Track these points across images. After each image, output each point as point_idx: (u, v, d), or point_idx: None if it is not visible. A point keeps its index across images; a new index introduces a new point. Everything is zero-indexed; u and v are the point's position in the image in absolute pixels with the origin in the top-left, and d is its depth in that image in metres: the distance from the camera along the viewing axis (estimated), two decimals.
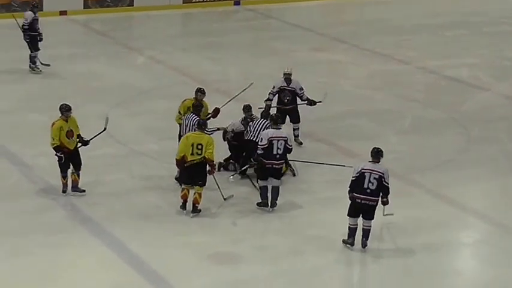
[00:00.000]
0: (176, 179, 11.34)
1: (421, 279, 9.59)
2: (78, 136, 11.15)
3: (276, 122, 11.18)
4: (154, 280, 9.40)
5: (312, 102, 13.05)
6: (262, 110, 12.60)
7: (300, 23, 21.11)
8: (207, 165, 10.73)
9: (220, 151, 11.70)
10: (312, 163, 12.31)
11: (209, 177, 10.84)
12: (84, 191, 11.20)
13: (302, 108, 13.19)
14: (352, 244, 10.14)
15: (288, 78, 12.94)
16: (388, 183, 9.93)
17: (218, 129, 11.72)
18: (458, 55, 18.57)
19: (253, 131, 11.69)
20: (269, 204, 11.00)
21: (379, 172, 9.89)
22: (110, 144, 12.58)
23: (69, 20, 20.97)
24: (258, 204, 11.05)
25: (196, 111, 11.42)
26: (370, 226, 10.04)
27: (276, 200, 11.04)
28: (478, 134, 13.93)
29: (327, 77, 16.31)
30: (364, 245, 10.13)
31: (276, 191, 11.02)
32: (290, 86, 12.94)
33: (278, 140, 10.96)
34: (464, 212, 11.25)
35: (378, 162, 9.97)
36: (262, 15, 22.27)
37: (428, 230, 10.64)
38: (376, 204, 10.01)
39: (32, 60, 16.14)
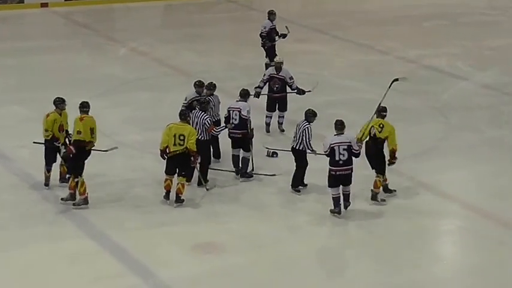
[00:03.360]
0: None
1: (402, 267, 9.60)
2: (66, 132, 11.01)
3: (241, 94, 11.64)
4: (138, 270, 9.34)
5: (301, 92, 13.19)
6: (251, 96, 12.63)
7: (281, 15, 20.91)
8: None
9: None
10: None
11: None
12: None
13: (288, 99, 13.21)
14: (339, 213, 10.48)
15: (278, 66, 13.05)
16: (356, 150, 10.41)
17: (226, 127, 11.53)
18: (438, 45, 18.61)
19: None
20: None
21: (346, 143, 10.39)
22: None
23: (51, 12, 20.87)
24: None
25: (203, 108, 11.28)
26: (349, 190, 10.50)
27: (244, 170, 11.47)
28: (458, 123, 13.98)
29: (310, 68, 16.30)
30: (345, 206, 10.54)
31: (243, 161, 11.51)
32: (280, 74, 13.06)
33: (233, 111, 11.48)
34: (444, 199, 11.27)
35: (342, 133, 10.44)
36: (244, 6, 22.23)
37: (408, 217, 10.65)
38: (352, 171, 10.42)
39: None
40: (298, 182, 11.18)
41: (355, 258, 9.92)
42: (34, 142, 11.16)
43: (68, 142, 10.91)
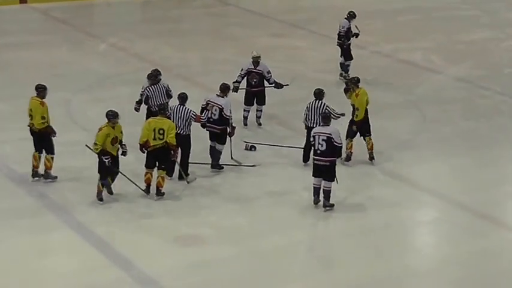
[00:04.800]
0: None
1: (380, 257, 9.65)
2: (120, 142, 10.66)
3: (221, 89, 11.48)
4: (121, 263, 9.31)
5: (279, 85, 13.22)
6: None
7: (258, 10, 21.08)
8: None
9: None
10: (272, 146, 12.40)
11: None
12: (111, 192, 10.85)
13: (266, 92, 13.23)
14: (315, 202, 10.46)
15: (255, 61, 13.07)
16: (338, 143, 10.31)
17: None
18: (412, 39, 18.68)
19: None
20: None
21: (326, 134, 10.31)
22: (74, 130, 12.46)
23: (30, 8, 20.70)
24: None
25: (182, 102, 11.22)
26: (329, 187, 10.38)
27: (216, 161, 11.41)
28: (433, 116, 14.03)
29: (286, 62, 16.30)
30: (324, 205, 10.43)
31: (216, 153, 11.44)
32: (257, 68, 13.08)
33: (213, 106, 11.31)
34: (421, 190, 11.33)
35: (327, 125, 10.42)
36: (220, 2, 22.19)
37: (386, 209, 10.70)
38: (330, 164, 10.31)
39: (345, 68, 15.47)
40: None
41: (335, 251, 9.96)
42: (86, 145, 10.80)
43: (121, 153, 10.69)
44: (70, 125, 11.49)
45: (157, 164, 10.76)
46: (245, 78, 13.15)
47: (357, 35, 15.57)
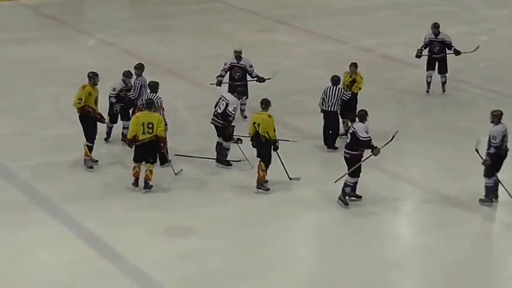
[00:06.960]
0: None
1: (360, 246, 9.53)
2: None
3: (237, 91, 11.61)
4: (111, 256, 9.16)
5: (261, 79, 13.09)
6: (213, 85, 12.70)
7: (244, 6, 20.95)
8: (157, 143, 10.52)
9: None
10: None
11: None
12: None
13: (250, 87, 13.09)
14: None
15: (238, 55, 12.93)
16: (363, 137, 10.20)
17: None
18: (391, 35, 18.58)
19: None
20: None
21: (353, 128, 10.36)
22: (64, 125, 12.24)
23: (20, 4, 20.49)
24: None
25: (154, 90, 11.11)
26: (349, 182, 10.25)
27: (222, 157, 11.20)
28: (413, 108, 13.96)
29: (272, 57, 16.15)
30: (338, 197, 10.40)
31: (222, 150, 11.26)
32: (240, 63, 12.97)
33: (222, 100, 11.24)
34: (402, 181, 11.24)
35: (360, 122, 10.36)
36: None
37: (367, 199, 10.56)
38: (349, 157, 10.22)
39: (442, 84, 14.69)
40: (334, 142, 11.79)
41: (311, 239, 9.85)
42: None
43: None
44: (60, 120, 11.31)
45: (145, 158, 10.57)
46: (228, 72, 12.98)
47: (457, 52, 14.47)
